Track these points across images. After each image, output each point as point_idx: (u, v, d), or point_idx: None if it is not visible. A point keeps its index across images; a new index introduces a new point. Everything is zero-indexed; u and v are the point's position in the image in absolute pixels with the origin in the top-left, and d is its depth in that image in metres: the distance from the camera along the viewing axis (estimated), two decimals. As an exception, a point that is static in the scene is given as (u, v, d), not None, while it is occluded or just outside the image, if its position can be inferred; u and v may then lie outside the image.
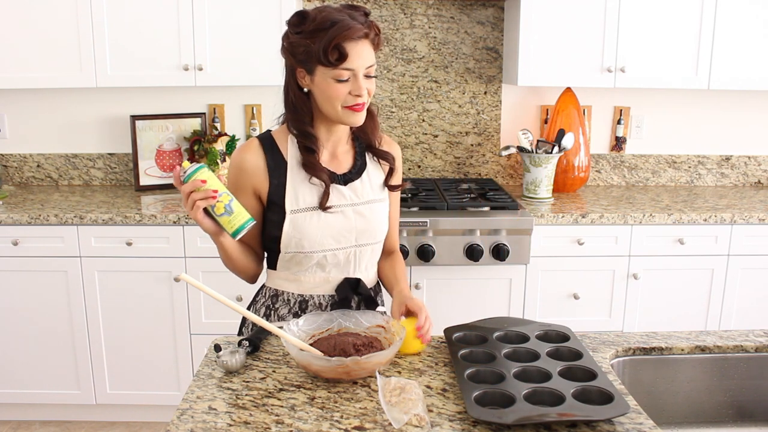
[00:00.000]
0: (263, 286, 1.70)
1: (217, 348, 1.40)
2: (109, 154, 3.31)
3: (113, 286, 2.77)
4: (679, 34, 2.92)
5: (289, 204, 1.53)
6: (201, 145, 3.13)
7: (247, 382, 1.33)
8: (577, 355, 1.39)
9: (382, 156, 1.63)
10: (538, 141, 3.01)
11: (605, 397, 1.22)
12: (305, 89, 1.51)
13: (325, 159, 1.58)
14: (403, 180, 1.71)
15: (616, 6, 2.87)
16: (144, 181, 3.18)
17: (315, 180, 1.54)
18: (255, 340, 1.46)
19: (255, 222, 1.45)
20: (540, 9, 2.88)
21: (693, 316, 2.89)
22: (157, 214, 2.71)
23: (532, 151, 2.97)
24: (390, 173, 1.65)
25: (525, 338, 1.48)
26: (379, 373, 1.32)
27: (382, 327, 1.46)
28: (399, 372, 1.38)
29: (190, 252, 2.74)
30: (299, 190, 1.54)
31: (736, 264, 2.84)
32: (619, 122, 3.35)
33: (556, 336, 1.49)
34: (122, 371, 2.86)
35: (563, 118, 3.11)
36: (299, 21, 1.45)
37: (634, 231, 2.79)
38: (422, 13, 3.19)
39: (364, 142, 1.63)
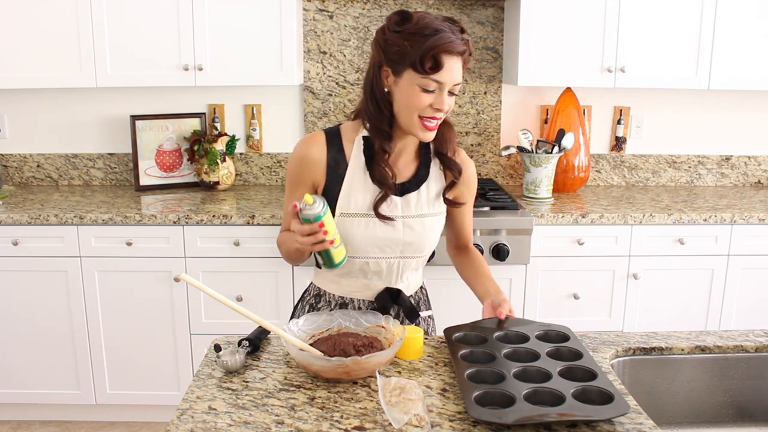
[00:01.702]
0: (311, 283, 1.71)
1: (217, 348, 1.40)
2: (109, 154, 3.31)
3: (113, 286, 2.77)
4: (679, 34, 2.92)
5: (341, 206, 1.52)
6: (201, 145, 3.13)
7: (247, 382, 1.33)
8: (577, 355, 1.39)
9: (449, 166, 1.58)
10: (538, 141, 3.01)
11: (605, 397, 1.22)
12: (385, 89, 1.47)
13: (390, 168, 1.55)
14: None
15: (616, 6, 2.87)
16: (144, 181, 3.18)
17: (371, 185, 1.51)
18: (255, 340, 1.46)
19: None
20: (540, 9, 2.88)
21: (693, 316, 2.89)
22: (157, 214, 2.71)
23: (532, 151, 2.97)
24: (451, 185, 1.60)
25: (525, 338, 1.48)
26: (379, 373, 1.32)
27: (382, 327, 1.46)
28: (399, 372, 1.38)
29: (190, 252, 2.74)
30: (353, 194, 1.52)
31: (736, 264, 2.84)
32: (619, 122, 3.35)
33: (556, 336, 1.49)
34: (122, 371, 2.86)
35: (563, 118, 3.11)
36: (401, 20, 1.42)
37: (634, 231, 2.79)
38: (422, 13, 3.19)
39: (436, 149, 1.58)
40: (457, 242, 1.76)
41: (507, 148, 3.05)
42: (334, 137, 1.56)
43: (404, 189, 1.56)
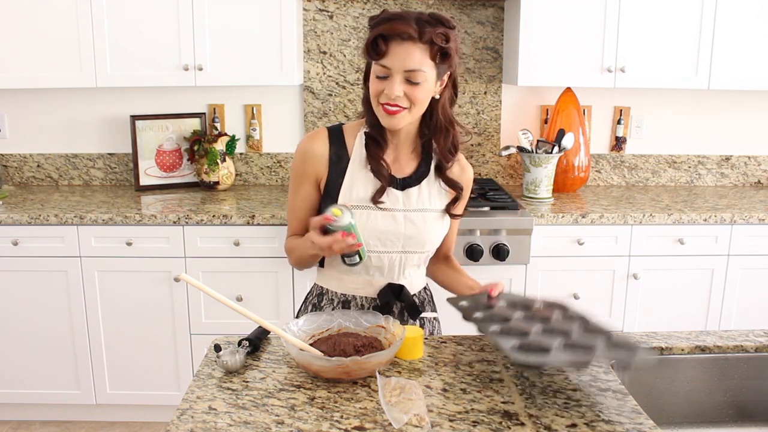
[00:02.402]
0: (314, 284, 1.72)
1: (217, 348, 1.40)
2: (109, 154, 3.31)
3: (113, 286, 2.77)
4: (679, 34, 2.92)
5: (342, 198, 1.54)
6: (201, 145, 3.13)
7: (247, 382, 1.33)
8: (584, 318, 1.42)
9: (451, 185, 1.60)
10: (538, 141, 3.01)
11: (630, 346, 1.27)
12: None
13: (387, 161, 1.57)
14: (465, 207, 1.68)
15: (616, 6, 2.87)
16: (144, 181, 3.18)
17: (372, 178, 1.54)
18: (255, 340, 1.46)
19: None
20: (540, 9, 2.88)
21: (693, 316, 2.89)
22: (157, 214, 2.71)
23: (532, 151, 2.97)
24: (454, 201, 1.62)
25: (529, 307, 1.50)
26: (379, 373, 1.32)
27: (382, 327, 1.46)
28: (399, 372, 1.38)
29: (190, 252, 2.74)
30: (354, 186, 1.54)
31: (736, 264, 2.84)
32: (619, 122, 3.35)
33: (556, 304, 1.52)
34: (122, 371, 2.86)
35: (563, 118, 3.11)
36: (376, 14, 1.46)
37: (634, 231, 2.79)
38: (422, 13, 3.19)
39: (438, 163, 1.60)
40: (438, 251, 1.75)
41: (507, 148, 3.05)
42: (336, 133, 1.58)
43: (405, 183, 1.57)
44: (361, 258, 1.49)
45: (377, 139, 1.54)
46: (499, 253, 2.67)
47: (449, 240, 1.74)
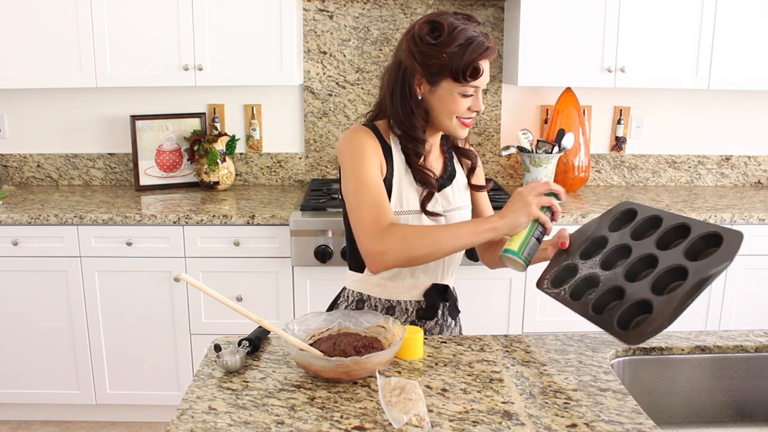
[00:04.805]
0: (344, 289, 1.69)
1: (217, 348, 1.40)
2: (109, 154, 3.31)
3: (113, 286, 2.77)
4: (678, 35, 2.92)
5: (395, 205, 1.53)
6: (201, 145, 3.13)
7: (247, 382, 1.33)
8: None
9: (465, 154, 1.66)
10: (538, 141, 3.01)
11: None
12: (419, 96, 1.51)
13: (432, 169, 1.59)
14: (487, 180, 1.74)
15: (616, 6, 2.87)
16: (144, 181, 3.19)
17: (414, 184, 1.55)
18: (255, 340, 1.46)
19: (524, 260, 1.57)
20: (540, 9, 2.88)
21: (693, 316, 2.88)
22: (157, 214, 2.71)
23: (532, 151, 2.97)
24: (472, 171, 1.67)
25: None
26: (379, 373, 1.32)
27: (382, 327, 1.46)
28: (399, 372, 1.38)
29: (190, 252, 2.74)
30: (404, 192, 1.54)
31: (736, 264, 2.83)
32: (619, 122, 3.35)
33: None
34: (122, 371, 2.86)
35: (563, 118, 3.11)
36: (433, 30, 1.45)
37: (634, 231, 2.78)
38: (422, 13, 3.19)
39: (450, 143, 1.66)
40: None
41: (507, 148, 3.05)
42: (377, 132, 1.56)
43: (441, 185, 1.60)
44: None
45: (417, 150, 1.54)
46: (499, 253, 2.67)
47: (490, 213, 1.74)
